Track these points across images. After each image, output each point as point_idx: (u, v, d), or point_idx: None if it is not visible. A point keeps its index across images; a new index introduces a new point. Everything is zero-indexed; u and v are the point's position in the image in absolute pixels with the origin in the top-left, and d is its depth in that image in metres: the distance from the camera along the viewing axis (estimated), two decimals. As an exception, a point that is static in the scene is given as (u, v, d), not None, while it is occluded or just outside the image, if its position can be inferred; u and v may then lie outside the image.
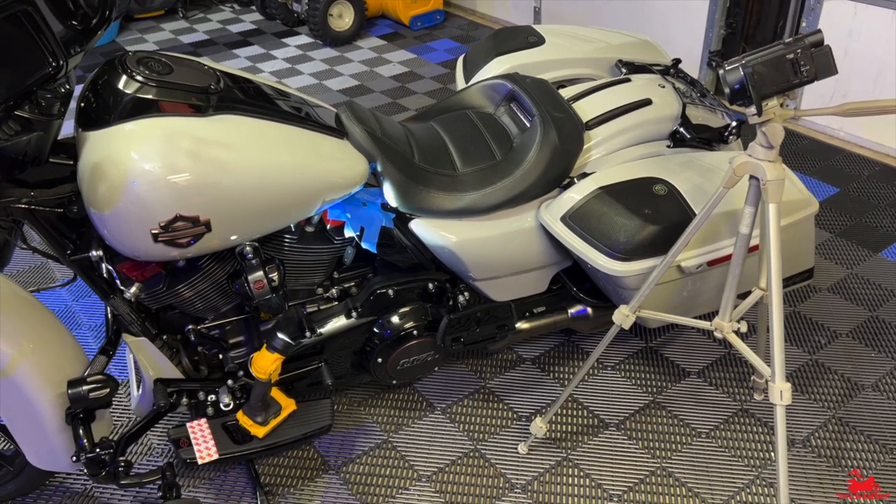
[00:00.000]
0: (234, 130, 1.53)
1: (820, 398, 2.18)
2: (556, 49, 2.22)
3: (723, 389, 2.22)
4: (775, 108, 1.43)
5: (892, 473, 1.95)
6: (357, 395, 2.24)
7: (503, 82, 2.00)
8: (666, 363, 2.33)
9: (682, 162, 1.89)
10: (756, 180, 1.52)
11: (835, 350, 2.35)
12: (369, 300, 1.90)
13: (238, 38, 5.08)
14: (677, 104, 1.99)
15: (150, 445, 2.10)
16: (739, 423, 2.11)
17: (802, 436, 2.06)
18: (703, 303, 1.94)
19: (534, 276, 2.02)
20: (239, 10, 5.60)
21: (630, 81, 2.05)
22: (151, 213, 1.45)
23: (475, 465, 2.03)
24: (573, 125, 1.87)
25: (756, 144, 1.49)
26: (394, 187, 1.77)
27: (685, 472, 1.98)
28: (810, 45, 1.38)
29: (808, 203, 1.93)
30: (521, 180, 1.81)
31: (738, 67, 1.40)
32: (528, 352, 2.38)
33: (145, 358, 1.78)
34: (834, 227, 2.92)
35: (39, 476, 1.88)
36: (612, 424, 2.13)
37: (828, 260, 2.74)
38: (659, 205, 1.78)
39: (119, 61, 1.48)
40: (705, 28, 3.89)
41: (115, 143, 1.43)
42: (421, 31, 5.10)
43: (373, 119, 1.82)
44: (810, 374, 2.27)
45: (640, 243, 1.76)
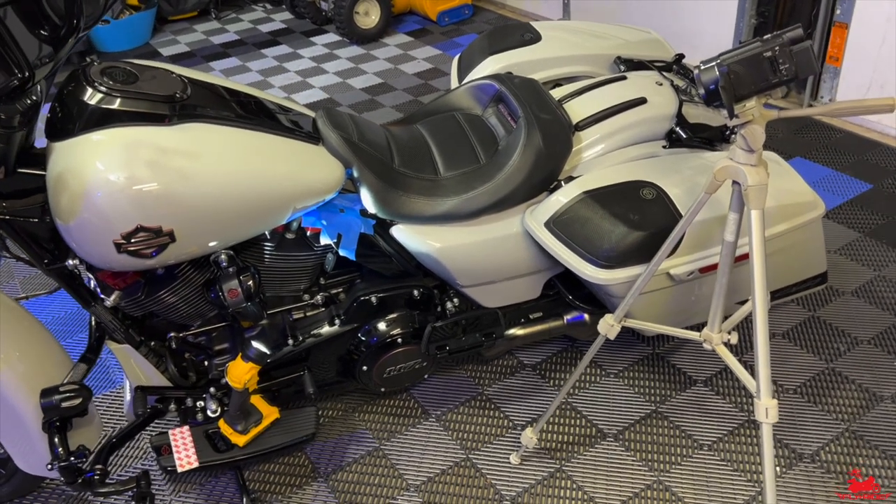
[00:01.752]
0: (199, 139, 1.51)
1: (834, 409, 2.06)
2: (552, 46, 2.15)
3: (729, 399, 2.12)
4: (755, 110, 1.34)
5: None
6: (352, 401, 2.21)
7: (491, 83, 1.94)
8: (672, 371, 2.24)
9: (675, 164, 1.81)
10: (738, 185, 1.44)
11: (854, 358, 2.22)
12: (353, 307, 1.87)
13: (267, 38, 5.11)
14: (673, 102, 1.90)
15: (146, 449, 2.11)
16: (744, 436, 2.01)
17: (812, 450, 1.96)
18: (697, 312, 1.85)
19: (525, 282, 1.96)
20: (270, 10, 5.63)
21: (626, 79, 1.97)
22: (112, 223, 1.44)
23: (466, 474, 1.98)
24: (560, 127, 1.80)
25: (736, 147, 1.40)
26: (371, 193, 1.73)
27: (683, 487, 1.90)
28: (789, 42, 1.28)
29: (815, 205, 1.83)
30: (503, 184, 1.75)
31: (713, 67, 1.32)
32: (530, 358, 2.32)
33: (129, 365, 1.79)
34: (863, 225, 2.77)
35: (32, 480, 1.91)
36: (609, 434, 2.05)
37: (854, 261, 2.60)
38: (646, 210, 1.70)
39: (82, 72, 1.48)
40: (736, 19, 3.74)
41: (78, 154, 1.43)
42: (448, 27, 5.04)
43: (350, 124, 1.78)
44: (826, 382, 2.15)
45: (626, 250, 1.68)
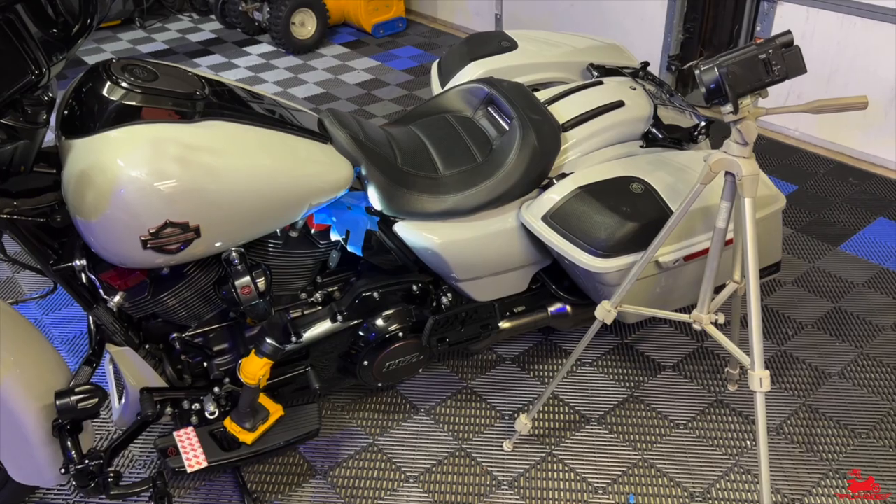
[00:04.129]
0: (221, 136, 1.53)
1: (790, 387, 2.26)
2: (528, 53, 2.27)
3: (697, 382, 2.29)
4: (749, 107, 1.49)
5: (862, 456, 2.03)
6: (340, 399, 2.24)
7: (480, 86, 2.03)
8: (642, 358, 2.39)
9: (656, 161, 1.95)
10: (732, 176, 1.58)
11: (801, 340, 2.44)
12: (354, 303, 1.92)
13: (198, 48, 5.03)
14: (649, 105, 2.05)
15: (132, 457, 2.07)
16: (715, 414, 2.18)
17: (776, 423, 2.14)
18: (678, 297, 1.99)
19: (514, 276, 2.06)
20: (198, 20, 5.55)
21: (602, 84, 2.11)
22: (141, 219, 1.44)
23: (462, 464, 2.05)
24: (550, 127, 1.92)
25: (731, 141, 1.54)
26: (378, 190, 1.79)
27: (666, 463, 2.03)
28: (781, 46, 1.44)
29: (776, 199, 2.01)
30: (502, 181, 1.85)
31: (713, 68, 1.46)
32: (508, 351, 2.42)
33: (129, 367, 1.76)
34: (795, 223, 3.03)
35: (22, 490, 1.85)
36: (592, 419, 2.17)
37: (791, 255, 2.84)
38: (636, 202, 1.84)
39: (104, 68, 1.48)
40: (664, 33, 3.99)
41: (102, 151, 1.43)
42: (384, 39, 5.12)
43: (356, 123, 1.84)
44: (780, 363, 2.35)
45: (620, 240, 1.81)
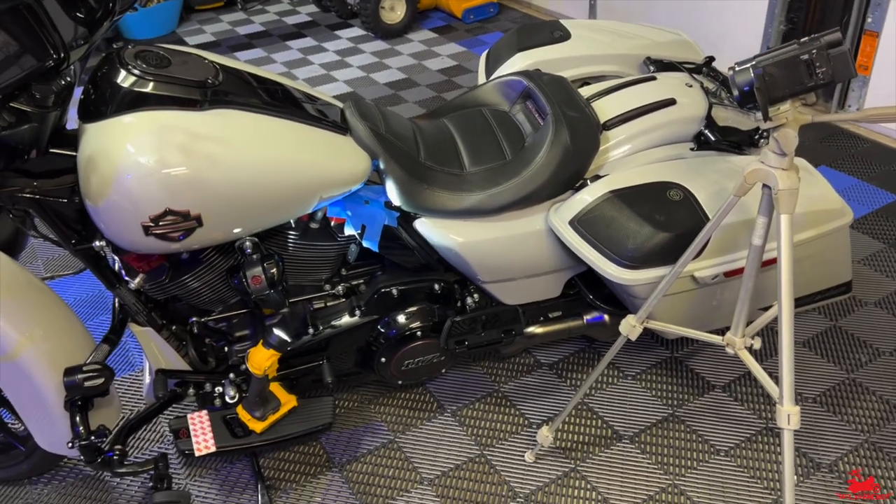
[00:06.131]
0: (229, 125, 1.52)
1: (854, 420, 2.04)
2: (581, 45, 2.14)
3: (748, 406, 2.11)
4: (788, 113, 1.33)
5: (924, 506, 1.81)
6: (368, 392, 2.22)
7: (519, 79, 1.93)
8: (690, 375, 2.23)
9: (702, 166, 1.79)
10: (769, 189, 1.42)
11: (875, 369, 2.20)
12: (373, 299, 1.87)
13: (292, 30, 5.13)
14: (703, 105, 1.89)
15: (163, 433, 2.13)
16: (762, 443, 2.00)
17: (830, 460, 1.94)
18: (720, 316, 1.84)
19: (546, 280, 1.95)
20: (296, 2, 5.65)
21: (655, 80, 1.96)
22: (141, 206, 1.45)
23: (480, 470, 1.98)
24: (588, 125, 1.80)
25: (768, 151, 1.39)
26: (396, 185, 1.73)
27: (698, 492, 1.89)
28: (826, 45, 1.27)
29: (843, 213, 1.81)
30: (529, 181, 1.75)
31: (748, 68, 1.31)
32: (547, 357, 2.32)
33: (150, 348, 1.80)
34: (888, 236, 2.74)
35: (51, 458, 1.93)
36: (626, 436, 2.05)
37: (878, 272, 2.57)
38: (672, 211, 1.69)
39: (116, 54, 1.49)
40: (764, 24, 3.71)
41: (110, 136, 1.45)
42: (473, 24, 5.03)
43: (378, 115, 1.78)
44: (846, 393, 2.13)
45: (650, 251, 1.67)
